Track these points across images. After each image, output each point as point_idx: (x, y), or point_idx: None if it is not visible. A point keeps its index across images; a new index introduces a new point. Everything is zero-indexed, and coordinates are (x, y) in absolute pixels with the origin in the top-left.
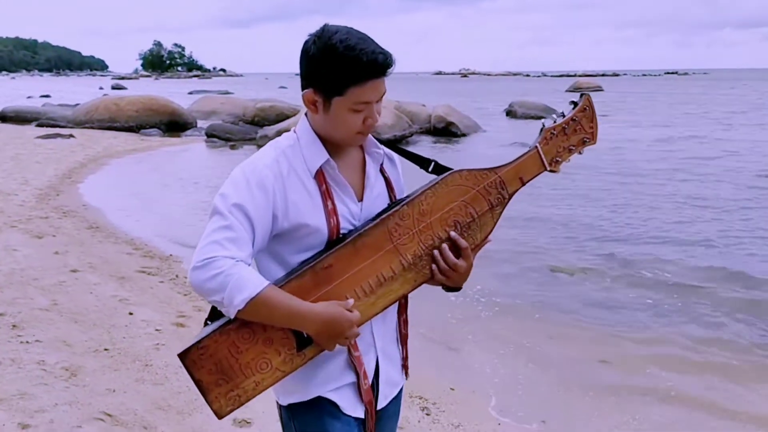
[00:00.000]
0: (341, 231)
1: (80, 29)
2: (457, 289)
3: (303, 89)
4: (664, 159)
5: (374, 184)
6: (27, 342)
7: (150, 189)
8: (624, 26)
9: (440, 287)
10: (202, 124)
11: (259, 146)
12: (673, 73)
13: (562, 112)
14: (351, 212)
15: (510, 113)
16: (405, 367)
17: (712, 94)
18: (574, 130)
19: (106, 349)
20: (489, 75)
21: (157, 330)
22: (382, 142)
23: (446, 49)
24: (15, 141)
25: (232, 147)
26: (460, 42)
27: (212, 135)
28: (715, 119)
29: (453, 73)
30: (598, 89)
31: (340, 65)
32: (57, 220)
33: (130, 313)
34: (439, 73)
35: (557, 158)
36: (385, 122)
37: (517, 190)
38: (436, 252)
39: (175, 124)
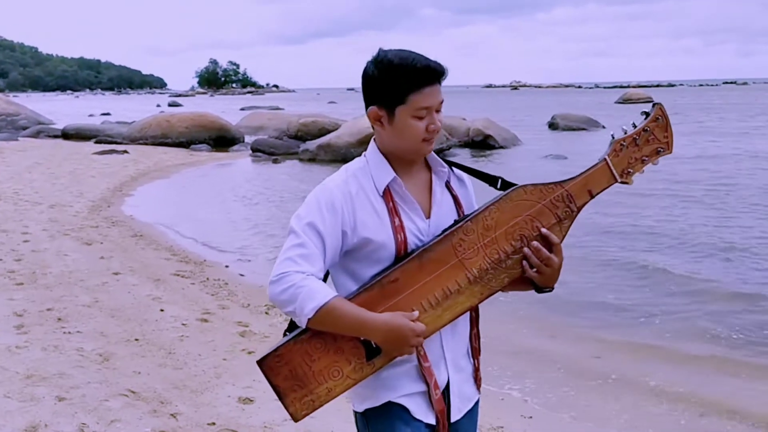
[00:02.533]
0: (409, 246)
1: (141, 49)
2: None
3: (367, 109)
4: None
5: (441, 202)
6: (69, 332)
7: (193, 200)
8: (682, 35)
9: (532, 291)
10: (249, 139)
11: (301, 160)
12: (731, 82)
13: (633, 123)
14: (419, 228)
15: (552, 126)
16: (477, 379)
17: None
18: (647, 141)
19: (136, 339)
20: (540, 87)
21: (183, 324)
22: (450, 162)
23: (497, 61)
24: (74, 157)
25: (275, 161)
26: (511, 54)
27: (257, 150)
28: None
29: (503, 86)
30: (649, 100)
31: (398, 75)
32: (105, 229)
33: (161, 310)
34: (490, 86)
35: (629, 169)
36: None
37: (586, 202)
38: (527, 249)
39: (223, 139)
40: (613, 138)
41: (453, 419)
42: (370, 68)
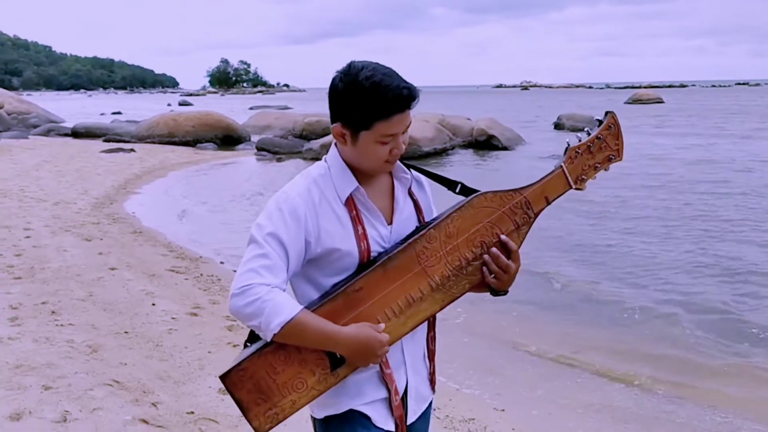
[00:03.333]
0: (372, 254)
1: (154, 48)
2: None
3: (332, 123)
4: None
5: (403, 208)
6: (61, 325)
7: (195, 198)
8: (695, 35)
9: (487, 293)
10: (256, 138)
11: (304, 159)
12: (744, 83)
13: (587, 130)
14: (381, 235)
15: (558, 126)
16: (432, 381)
17: None
18: (600, 148)
19: (125, 332)
20: (550, 87)
21: (173, 318)
22: (409, 165)
23: (508, 61)
24: (81, 155)
25: (279, 160)
26: (522, 54)
27: (262, 149)
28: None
29: (514, 86)
30: (659, 101)
31: (366, 102)
32: (106, 226)
33: (153, 304)
34: (500, 86)
35: (582, 176)
36: (425, 135)
37: (542, 209)
38: (486, 256)
39: (229, 139)
40: (569, 145)
41: (409, 421)
42: (339, 85)
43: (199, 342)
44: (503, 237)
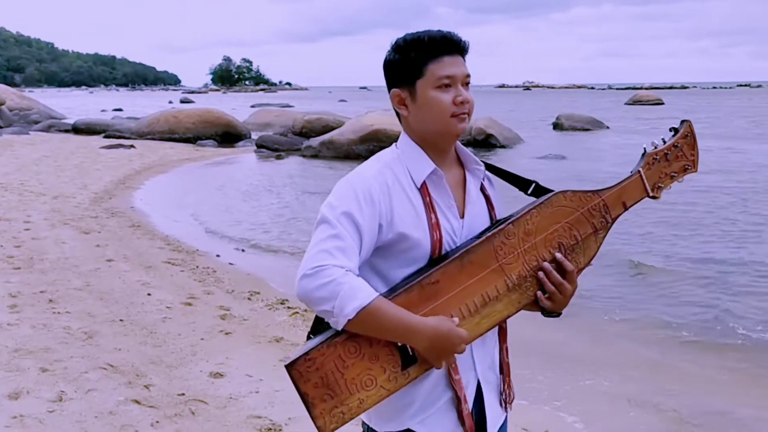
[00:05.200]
0: (443, 246)
1: (156, 45)
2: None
3: (390, 96)
4: None
5: (475, 202)
6: (58, 312)
7: (193, 193)
8: (698, 37)
9: (539, 313)
10: (256, 135)
11: (304, 156)
12: (745, 85)
13: (663, 138)
14: (453, 228)
15: (557, 126)
16: (505, 399)
17: None
18: (676, 157)
19: (121, 320)
20: (553, 88)
21: (167, 307)
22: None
23: (511, 61)
24: (81, 150)
25: (278, 157)
26: (525, 54)
27: (261, 146)
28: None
29: (516, 86)
30: (658, 102)
31: (411, 48)
32: (105, 219)
33: (148, 294)
34: (503, 86)
35: (659, 184)
36: None
37: (620, 214)
38: (541, 273)
39: (229, 136)
40: (645, 151)
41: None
42: (388, 53)
43: (193, 330)
44: (558, 255)
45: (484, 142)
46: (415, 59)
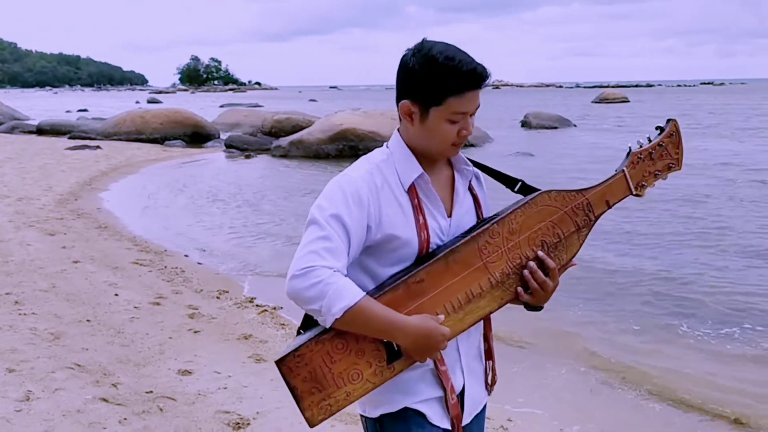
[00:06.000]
0: (431, 245)
1: (121, 45)
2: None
3: (399, 101)
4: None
5: (463, 201)
6: (24, 314)
7: (160, 194)
8: (665, 36)
9: (522, 306)
10: (225, 135)
11: (273, 156)
12: (708, 83)
13: (648, 137)
14: (441, 227)
15: (525, 124)
16: (488, 382)
17: (736, 105)
18: (661, 155)
19: (88, 320)
20: (522, 86)
21: (135, 307)
22: (470, 160)
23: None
24: (45, 152)
25: (247, 157)
26: (495, 53)
27: (230, 146)
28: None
29: (485, 85)
30: (624, 101)
31: (440, 75)
32: (70, 221)
33: (116, 294)
34: None
35: (643, 182)
36: (392, 132)
37: (603, 212)
38: (526, 272)
39: (198, 136)
40: (630, 150)
41: (464, 423)
42: (411, 60)
43: (161, 329)
44: (540, 254)
45: None
46: (440, 88)
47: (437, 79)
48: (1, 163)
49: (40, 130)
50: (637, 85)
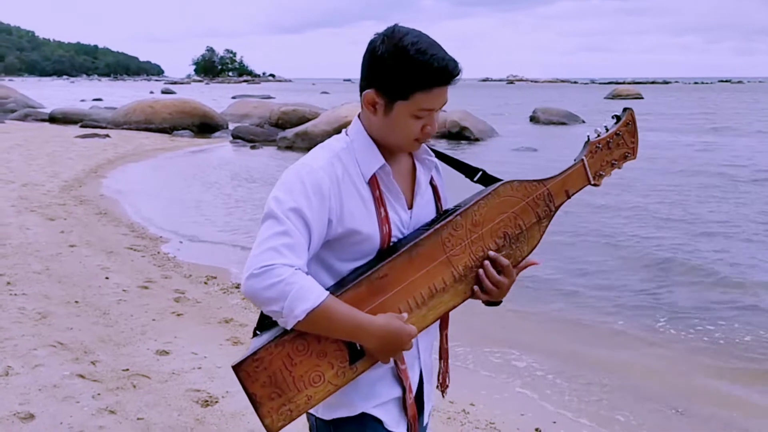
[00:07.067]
0: (392, 239)
1: (139, 35)
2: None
3: (363, 89)
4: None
5: (424, 192)
6: (15, 294)
7: (163, 182)
8: (682, 32)
9: (479, 301)
10: (234, 126)
11: (278, 147)
12: (726, 81)
13: (605, 126)
14: (401, 220)
15: (533, 119)
16: (442, 384)
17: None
18: (617, 145)
19: (76, 302)
20: (536, 82)
21: (123, 290)
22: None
23: (494, 55)
24: (55, 139)
25: (253, 148)
26: (509, 48)
27: (237, 136)
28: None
29: (500, 80)
30: (638, 97)
31: (409, 69)
32: (72, 207)
33: (106, 278)
34: (486, 79)
35: (600, 172)
36: None
37: (562, 202)
38: (480, 271)
39: (206, 126)
40: (589, 139)
41: (424, 422)
42: (380, 47)
43: (145, 311)
44: (492, 254)
45: (458, 135)
46: (408, 82)
47: (406, 73)
48: (10, 149)
49: (53, 118)
50: (653, 82)
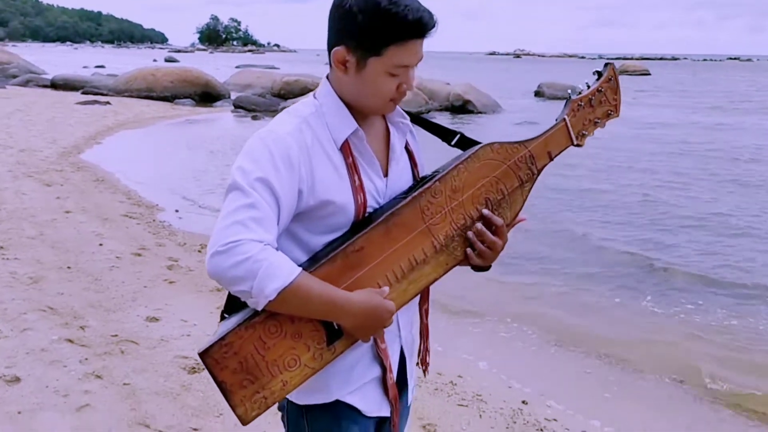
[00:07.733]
0: (367, 209)
1: (143, 3)
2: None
3: (332, 47)
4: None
5: (399, 158)
6: (7, 258)
7: (162, 150)
8: (694, 7)
9: (468, 267)
10: (236, 95)
11: None
12: (735, 59)
13: (587, 83)
14: (377, 188)
15: (538, 93)
16: (422, 362)
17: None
18: (600, 102)
19: (68, 267)
20: (543, 56)
21: (117, 257)
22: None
23: (501, 28)
24: (56, 106)
25: (254, 117)
26: (516, 21)
27: (239, 106)
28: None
29: (507, 54)
30: (645, 73)
31: (382, 21)
32: (69, 173)
33: (100, 244)
34: (493, 53)
35: (583, 131)
36: None
37: (545, 165)
38: (470, 233)
39: (208, 95)
40: (570, 97)
41: (409, 402)
42: (349, 0)
43: (137, 278)
44: (485, 212)
45: (462, 108)
46: (380, 35)
47: (378, 26)
48: (9, 114)
49: (54, 85)
50: (662, 58)
